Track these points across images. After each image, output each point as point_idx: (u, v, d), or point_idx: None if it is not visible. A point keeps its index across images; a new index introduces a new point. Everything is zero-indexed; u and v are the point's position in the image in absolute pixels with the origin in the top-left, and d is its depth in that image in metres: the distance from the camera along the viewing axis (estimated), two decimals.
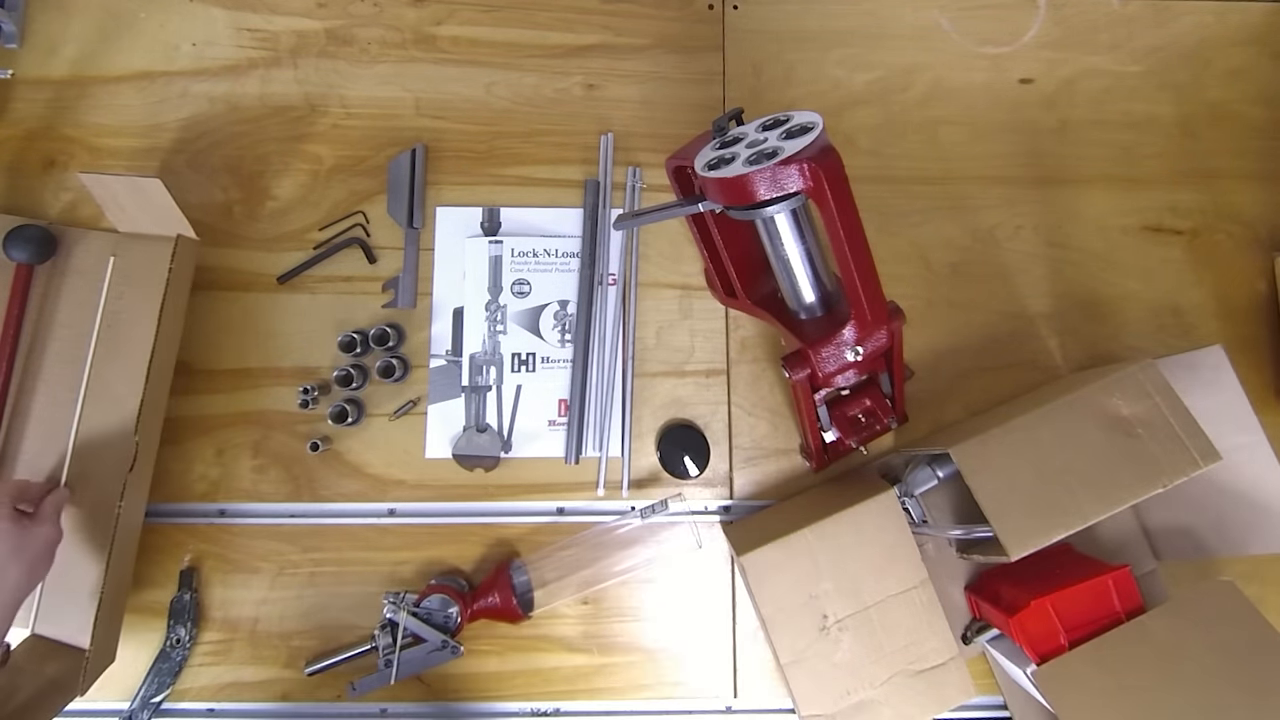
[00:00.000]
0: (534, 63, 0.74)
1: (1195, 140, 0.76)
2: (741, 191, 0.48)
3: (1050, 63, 0.76)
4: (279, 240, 0.71)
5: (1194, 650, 0.53)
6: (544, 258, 0.71)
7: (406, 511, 0.67)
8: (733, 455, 0.69)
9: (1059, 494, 0.54)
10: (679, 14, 0.76)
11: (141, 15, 0.73)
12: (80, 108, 0.71)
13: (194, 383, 0.68)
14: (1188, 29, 0.78)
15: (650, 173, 0.73)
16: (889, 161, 0.74)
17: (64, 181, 0.70)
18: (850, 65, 0.76)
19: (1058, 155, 0.75)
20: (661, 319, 0.71)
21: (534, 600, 0.65)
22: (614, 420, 0.69)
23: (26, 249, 0.63)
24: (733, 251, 0.62)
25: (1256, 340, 0.72)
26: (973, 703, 0.65)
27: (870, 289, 0.52)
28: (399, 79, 0.73)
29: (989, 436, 0.56)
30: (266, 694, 0.65)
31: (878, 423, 0.64)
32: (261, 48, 0.73)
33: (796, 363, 0.55)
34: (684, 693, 0.66)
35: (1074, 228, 0.74)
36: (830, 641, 0.58)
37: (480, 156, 0.72)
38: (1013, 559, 0.53)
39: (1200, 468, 0.53)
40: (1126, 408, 0.55)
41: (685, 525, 0.68)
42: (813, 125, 0.48)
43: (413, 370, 0.69)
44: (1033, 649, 0.57)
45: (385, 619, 0.63)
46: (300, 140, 0.72)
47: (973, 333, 0.72)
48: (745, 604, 0.67)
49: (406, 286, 0.70)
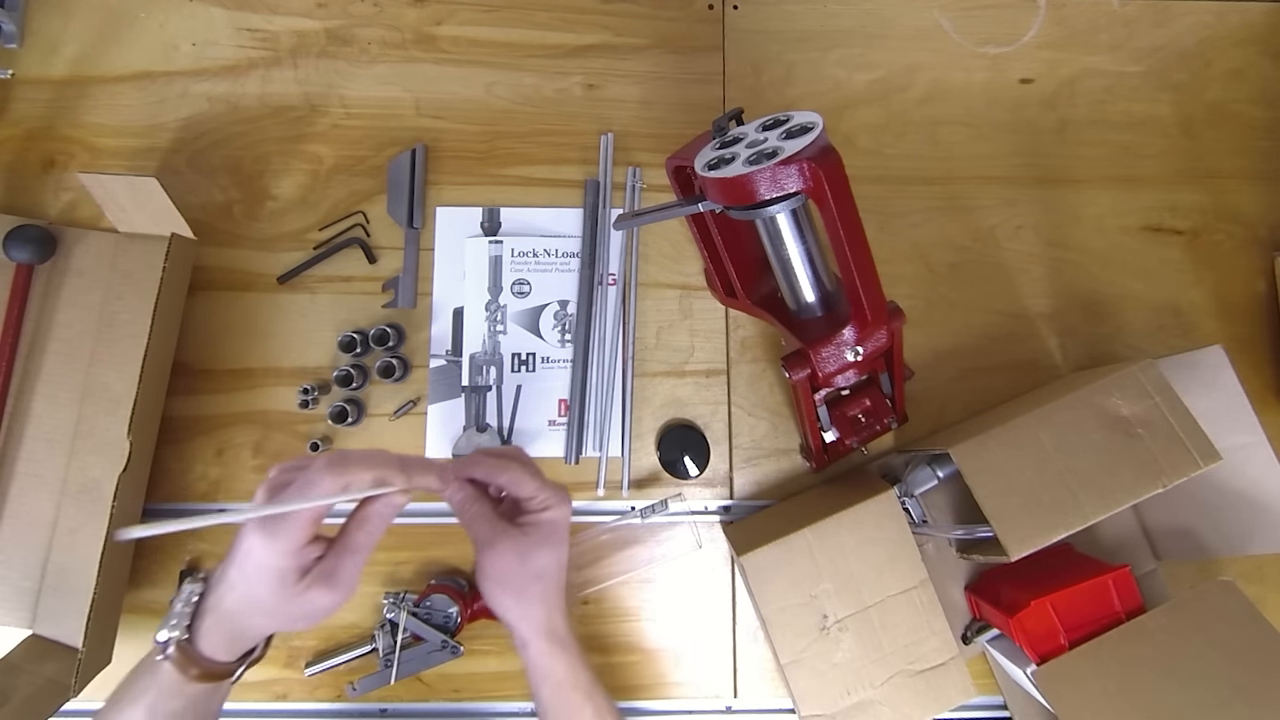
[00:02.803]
0: (534, 63, 0.74)
1: (1195, 140, 0.76)
2: (741, 191, 0.48)
3: (1050, 63, 0.76)
4: (279, 240, 0.71)
5: (1194, 650, 0.53)
6: (544, 258, 0.71)
7: (406, 511, 0.67)
8: (733, 455, 0.69)
9: (1059, 494, 0.54)
10: (679, 14, 0.76)
11: (141, 15, 0.73)
12: (80, 108, 0.71)
13: (194, 383, 0.68)
14: (1188, 29, 0.78)
15: (650, 173, 0.73)
16: (889, 161, 0.74)
17: (64, 181, 0.70)
18: (850, 65, 0.76)
19: (1058, 155, 0.75)
20: (661, 319, 0.71)
21: None
22: (614, 420, 0.69)
23: (26, 249, 0.63)
24: (733, 251, 0.62)
25: (1256, 340, 0.72)
26: (973, 703, 0.65)
27: (870, 289, 0.52)
28: (399, 79, 0.73)
29: (989, 436, 0.56)
30: (266, 694, 0.64)
31: (878, 423, 0.64)
32: (261, 48, 0.73)
33: (796, 363, 0.55)
34: (684, 693, 0.66)
35: (1074, 228, 0.74)
36: (830, 641, 0.58)
37: (480, 156, 0.72)
38: (1013, 559, 0.53)
39: (1200, 468, 0.53)
40: (1126, 408, 0.55)
41: (685, 525, 0.68)
42: (813, 125, 0.48)
43: (413, 370, 0.69)
44: (1033, 649, 0.57)
45: (385, 619, 0.63)
46: (300, 140, 0.72)
47: (973, 333, 0.72)
48: (745, 604, 0.67)
49: (406, 286, 0.70)
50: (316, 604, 0.41)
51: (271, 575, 0.41)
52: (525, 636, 0.49)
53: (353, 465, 0.41)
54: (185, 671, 0.41)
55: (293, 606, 0.41)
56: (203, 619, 0.42)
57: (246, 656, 0.45)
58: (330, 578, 0.42)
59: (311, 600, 0.41)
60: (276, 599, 0.41)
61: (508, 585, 0.48)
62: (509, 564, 0.48)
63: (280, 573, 0.41)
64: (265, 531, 0.40)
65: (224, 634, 0.42)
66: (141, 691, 0.42)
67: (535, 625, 0.49)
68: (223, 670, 0.43)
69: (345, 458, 0.42)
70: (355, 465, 0.41)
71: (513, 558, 0.48)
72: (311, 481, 0.40)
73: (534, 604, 0.49)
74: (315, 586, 0.41)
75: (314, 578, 0.41)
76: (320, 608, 0.42)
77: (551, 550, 0.49)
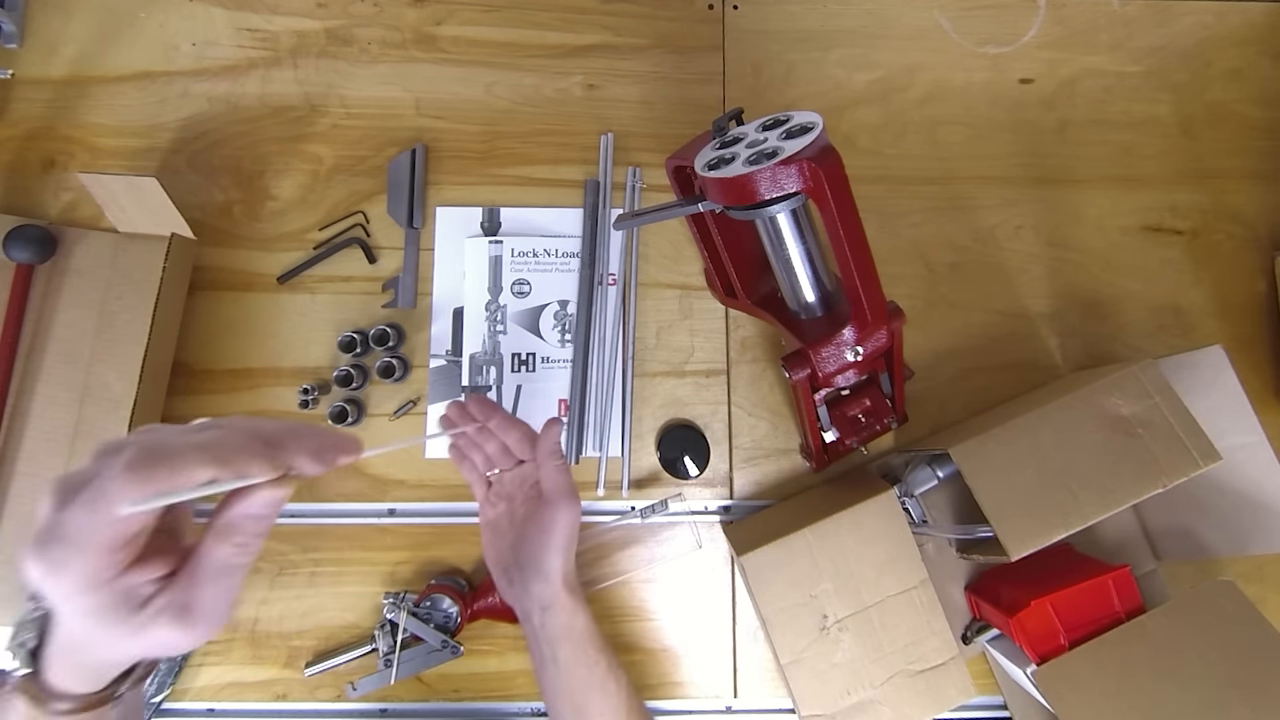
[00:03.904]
0: (534, 63, 0.74)
1: (1195, 140, 0.76)
2: (741, 191, 0.48)
3: (1050, 63, 0.76)
4: (279, 240, 0.71)
5: (1194, 650, 0.53)
6: (544, 258, 0.71)
7: (406, 511, 0.67)
8: (733, 455, 0.69)
9: (1059, 494, 0.54)
10: (679, 14, 0.76)
11: (141, 15, 0.73)
12: (80, 108, 0.71)
13: (194, 383, 0.68)
14: (1188, 29, 0.78)
15: (650, 173, 0.73)
16: (889, 161, 0.74)
17: (64, 181, 0.70)
18: (850, 65, 0.76)
19: (1058, 155, 0.75)
20: (661, 319, 0.71)
21: None
22: (614, 420, 0.69)
23: (26, 249, 0.63)
24: (733, 251, 0.62)
25: (1256, 340, 0.72)
26: (973, 703, 0.65)
27: (870, 289, 0.52)
28: (399, 79, 0.73)
29: (989, 436, 0.56)
30: (266, 694, 0.64)
31: (878, 423, 0.64)
32: (261, 48, 0.73)
33: (796, 363, 0.55)
34: (684, 693, 0.66)
35: (1074, 228, 0.74)
36: (830, 641, 0.58)
37: (480, 156, 0.72)
38: (1013, 559, 0.53)
39: (1200, 468, 0.53)
40: (1126, 408, 0.55)
41: (685, 525, 0.68)
42: (813, 125, 0.48)
43: (413, 370, 0.69)
44: (1033, 649, 0.57)
45: (385, 619, 0.63)
46: (300, 140, 0.72)
47: (973, 333, 0.72)
48: (745, 604, 0.67)
49: (406, 286, 0.70)
50: (166, 643, 0.30)
51: (83, 614, 0.29)
52: (555, 592, 0.52)
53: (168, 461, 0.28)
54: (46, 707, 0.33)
55: (134, 644, 0.31)
56: (47, 646, 0.33)
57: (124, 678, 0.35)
58: (183, 612, 0.30)
59: (156, 638, 0.30)
60: (107, 637, 0.30)
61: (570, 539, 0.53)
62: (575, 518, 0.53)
63: (93, 611, 0.29)
64: (45, 560, 0.28)
65: (73, 666, 0.33)
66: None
67: (570, 580, 0.53)
68: (93, 700, 0.34)
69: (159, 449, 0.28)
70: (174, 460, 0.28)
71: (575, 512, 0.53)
72: (103, 493, 0.28)
73: (571, 559, 0.54)
74: (160, 623, 0.30)
75: (158, 610, 0.30)
76: (173, 646, 0.31)
77: (579, 504, 0.54)
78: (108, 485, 0.28)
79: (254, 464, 0.30)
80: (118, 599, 0.29)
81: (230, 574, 0.31)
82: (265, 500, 0.31)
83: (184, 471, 0.28)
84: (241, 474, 0.29)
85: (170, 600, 0.30)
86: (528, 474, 0.56)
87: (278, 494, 0.31)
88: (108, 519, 0.28)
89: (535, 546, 0.53)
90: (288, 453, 0.31)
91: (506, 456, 0.57)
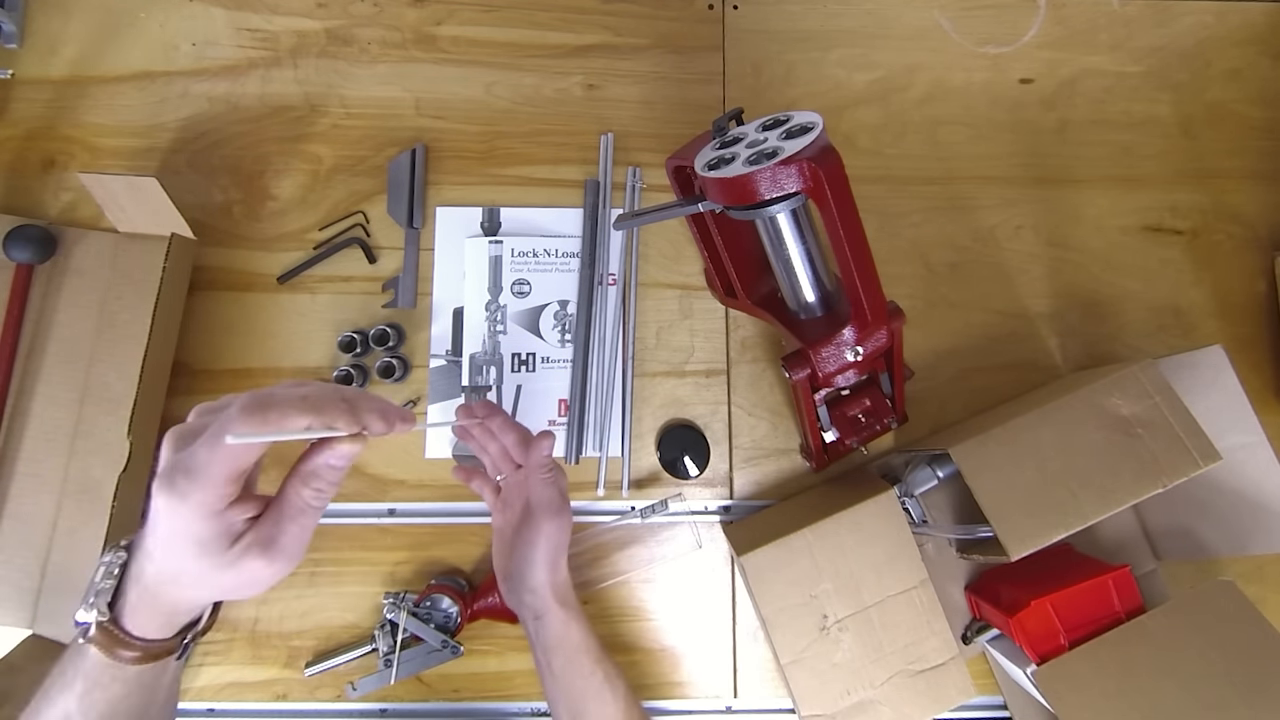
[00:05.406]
0: (534, 63, 0.74)
1: (1195, 140, 0.76)
2: (742, 191, 0.48)
3: (1050, 63, 0.76)
4: (279, 240, 0.70)
5: (1194, 650, 0.53)
6: (544, 258, 0.71)
7: (406, 511, 0.67)
8: (733, 455, 0.69)
9: (1059, 494, 0.54)
10: (679, 14, 0.76)
11: (141, 15, 0.73)
12: (80, 108, 0.71)
13: (194, 383, 0.68)
14: (1188, 29, 0.78)
15: (650, 173, 0.73)
16: (889, 161, 0.74)
17: (64, 181, 0.70)
18: (850, 65, 0.76)
19: (1058, 155, 0.75)
20: (661, 319, 0.71)
21: None
22: (614, 420, 0.69)
23: (26, 249, 0.63)
24: (733, 251, 0.62)
25: (1256, 340, 0.72)
26: (973, 703, 0.65)
27: (870, 289, 0.52)
28: (399, 79, 0.73)
29: (989, 436, 0.56)
30: (266, 694, 0.64)
31: (878, 423, 0.64)
32: (261, 48, 0.73)
33: (796, 363, 0.55)
34: (684, 693, 0.66)
35: (1074, 228, 0.74)
36: (830, 641, 0.58)
37: (480, 156, 0.72)
38: (1013, 559, 0.53)
39: (1200, 468, 0.53)
40: (1126, 408, 0.55)
41: (685, 525, 0.68)
42: (813, 125, 0.48)
43: (413, 370, 0.69)
44: (1033, 649, 0.57)
45: (385, 619, 0.63)
46: (300, 140, 0.72)
47: (973, 333, 0.72)
48: (745, 604, 0.67)
49: (406, 286, 0.70)
50: (253, 575, 0.35)
51: (189, 543, 0.34)
52: (545, 605, 0.53)
53: (277, 408, 0.33)
54: (115, 655, 0.36)
55: (223, 577, 0.35)
56: (126, 593, 0.36)
57: (191, 627, 0.39)
58: (269, 545, 0.35)
59: (246, 571, 0.35)
60: (201, 569, 0.35)
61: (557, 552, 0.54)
62: (561, 531, 0.54)
63: (199, 540, 0.34)
64: (171, 491, 0.33)
65: (151, 609, 0.36)
66: (69, 682, 0.37)
67: (560, 592, 0.53)
68: (160, 649, 0.37)
69: (269, 398, 0.33)
70: (281, 407, 0.33)
71: (561, 526, 0.54)
72: (224, 428, 0.33)
73: (560, 571, 0.54)
74: (250, 555, 0.35)
75: (248, 544, 0.35)
76: (258, 579, 0.35)
77: (568, 518, 0.55)
78: (226, 425, 0.33)
79: (341, 418, 0.35)
80: (221, 531, 0.34)
81: (309, 514, 0.37)
82: (343, 452, 0.36)
83: (289, 417, 0.33)
84: (330, 425, 0.34)
85: (258, 535, 0.35)
86: (523, 482, 0.57)
87: (354, 448, 0.36)
88: (227, 454, 0.33)
89: (522, 560, 0.54)
90: (363, 412, 0.35)
91: (507, 460, 0.58)
